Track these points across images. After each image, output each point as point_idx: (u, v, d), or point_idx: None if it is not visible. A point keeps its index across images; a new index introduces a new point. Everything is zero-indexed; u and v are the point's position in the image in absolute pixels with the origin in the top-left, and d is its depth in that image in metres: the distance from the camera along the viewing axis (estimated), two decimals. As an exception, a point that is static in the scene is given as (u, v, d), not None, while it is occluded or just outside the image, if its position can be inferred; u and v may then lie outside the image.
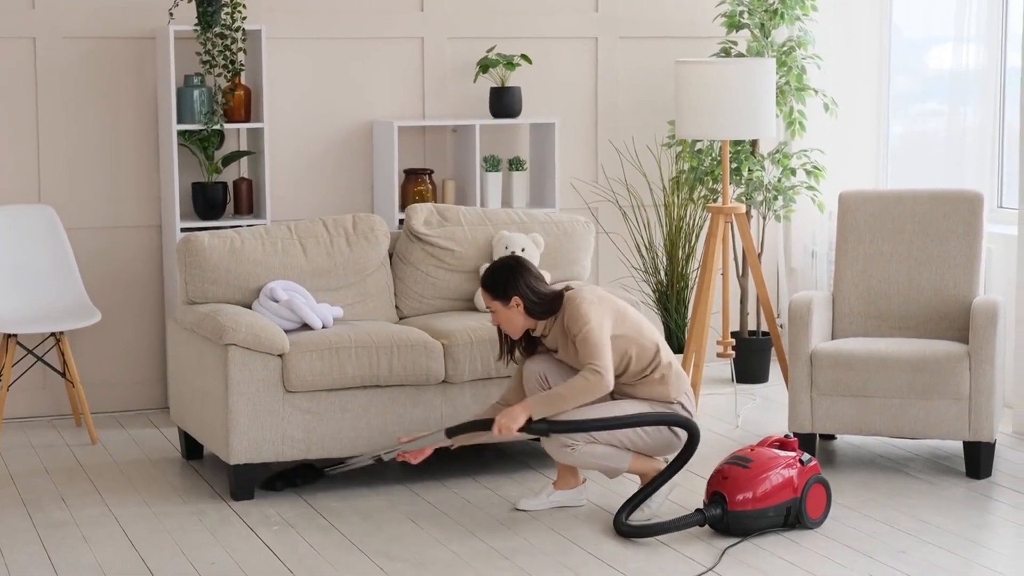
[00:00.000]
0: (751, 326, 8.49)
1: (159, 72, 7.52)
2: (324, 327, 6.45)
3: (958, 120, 7.87)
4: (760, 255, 8.28)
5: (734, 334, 8.29)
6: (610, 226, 8.39)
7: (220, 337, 6.13)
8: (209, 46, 7.35)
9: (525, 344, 6.02)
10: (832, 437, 7.05)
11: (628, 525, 5.68)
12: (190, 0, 7.36)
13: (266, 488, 6.31)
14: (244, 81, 7.60)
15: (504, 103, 7.94)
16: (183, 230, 7.42)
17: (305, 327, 6.43)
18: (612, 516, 5.86)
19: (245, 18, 7.42)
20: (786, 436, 5.91)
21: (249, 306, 6.54)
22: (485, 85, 8.03)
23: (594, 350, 5.73)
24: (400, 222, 7.67)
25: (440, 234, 6.91)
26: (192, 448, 6.82)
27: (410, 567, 5.39)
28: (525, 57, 7.97)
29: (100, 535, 5.78)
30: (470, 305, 6.95)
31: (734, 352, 7.69)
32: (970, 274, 6.76)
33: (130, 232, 7.69)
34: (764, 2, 8.08)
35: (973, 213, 6.80)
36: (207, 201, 7.53)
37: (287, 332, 6.33)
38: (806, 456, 5.77)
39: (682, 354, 7.73)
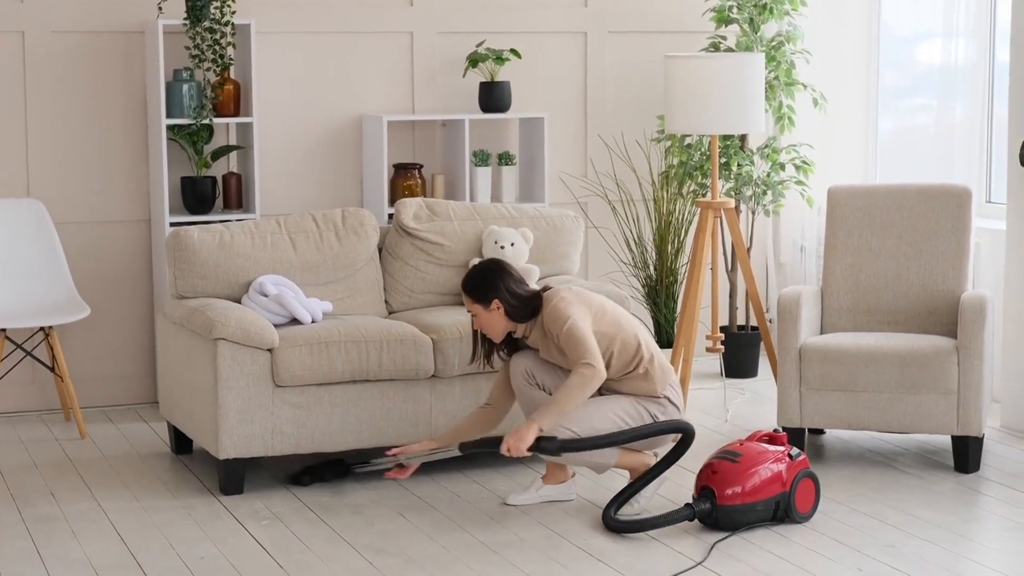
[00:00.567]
0: (740, 321, 8.50)
1: (148, 66, 7.51)
2: (313, 322, 6.45)
3: (947, 115, 7.88)
4: (749, 250, 8.28)
5: (723, 329, 8.31)
6: (599, 221, 8.40)
7: (209, 331, 6.13)
8: (198, 40, 7.35)
9: (507, 347, 6.01)
10: (821, 431, 7.06)
11: (616, 520, 5.68)
12: (179, -6, 7.38)
13: (293, 482, 6.30)
14: (233, 75, 7.59)
15: (493, 98, 7.94)
16: (172, 224, 7.41)
17: (294, 322, 6.44)
18: (601, 511, 5.87)
19: (234, 12, 7.42)
20: (775, 430, 5.92)
21: (238, 301, 6.54)
22: (474, 80, 8.03)
23: (579, 344, 5.72)
24: (389, 217, 7.67)
25: (429, 229, 6.91)
26: (181, 442, 6.82)
27: (400, 561, 5.40)
28: (514, 52, 7.97)
29: (89, 530, 5.77)
30: (459, 300, 6.94)
31: (723, 347, 7.69)
32: (959, 269, 6.77)
33: (119, 226, 7.68)
34: (753, -3, 8.10)
35: (961, 208, 6.81)
36: (196, 195, 7.53)
37: (276, 327, 6.33)
38: (795, 450, 5.78)
39: (671, 349, 7.74)
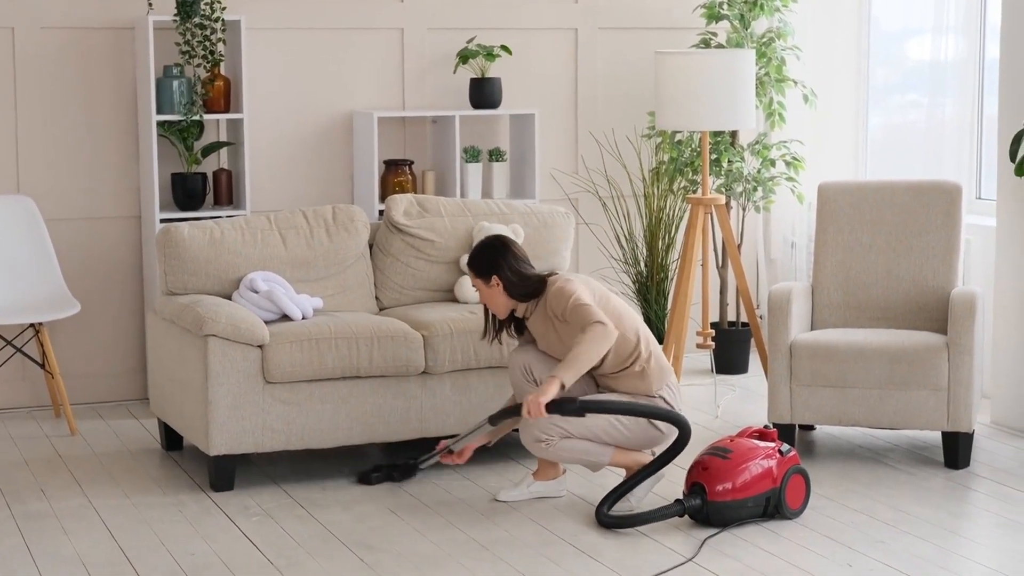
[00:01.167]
0: (731, 317, 8.51)
1: (138, 63, 7.50)
2: (304, 318, 6.45)
3: (937, 111, 7.89)
4: (740, 246, 8.29)
5: (714, 325, 8.32)
6: (590, 217, 8.40)
7: (200, 328, 6.12)
8: (188, 36, 7.34)
9: (513, 325, 6.02)
10: (811, 428, 7.07)
11: (608, 516, 5.68)
12: (169, -10, 7.37)
13: (361, 481, 6.27)
14: (224, 72, 7.58)
15: (484, 94, 7.93)
16: (162, 221, 7.40)
17: (285, 318, 6.43)
18: (592, 507, 5.88)
19: (224, 8, 7.41)
20: (765, 427, 5.92)
21: (229, 297, 6.54)
22: (465, 76, 8.03)
23: (587, 312, 5.70)
24: (380, 213, 7.67)
25: (420, 225, 6.91)
26: (172, 439, 6.82)
27: (390, 558, 5.40)
28: (505, 48, 7.97)
29: (80, 526, 5.77)
30: (450, 296, 6.95)
31: (714, 343, 7.70)
32: (949, 265, 6.78)
33: (109, 223, 7.67)
34: (744, -7, 8.10)
35: (952, 204, 6.82)
36: (186, 192, 7.52)
37: (267, 323, 6.32)
38: (785, 447, 5.79)
39: (662, 345, 7.74)
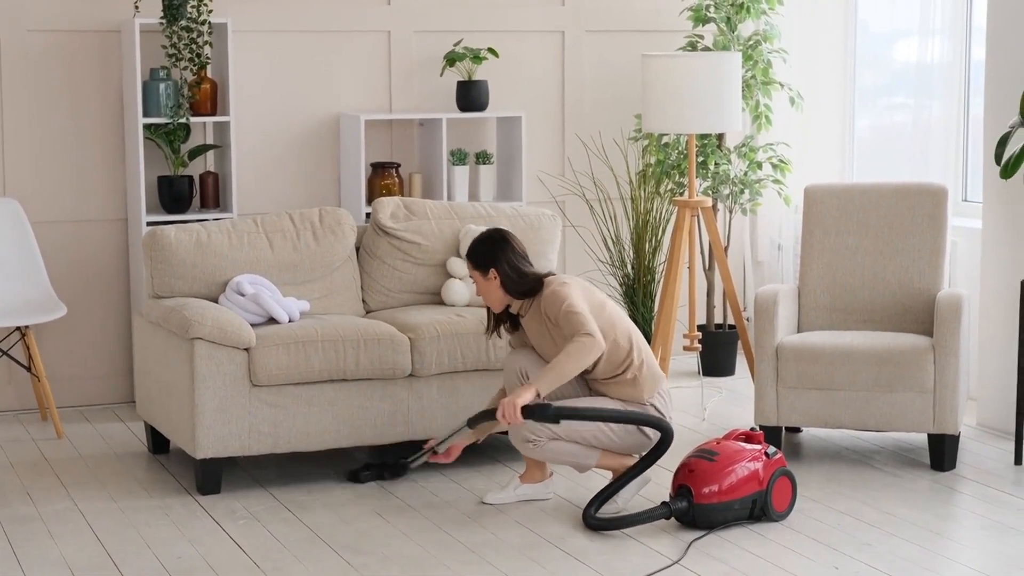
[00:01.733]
0: (717, 319, 8.51)
1: (125, 65, 7.50)
2: (290, 321, 6.45)
3: (923, 114, 7.90)
4: (726, 248, 8.30)
5: (700, 327, 8.32)
6: (577, 220, 8.40)
7: (186, 331, 6.12)
8: (175, 39, 7.33)
9: (509, 321, 6.02)
10: (798, 430, 7.08)
11: (594, 518, 5.68)
12: (156, -7, 7.36)
13: (351, 479, 6.31)
14: (210, 74, 7.58)
15: (471, 97, 7.93)
16: (149, 224, 7.40)
17: (272, 321, 6.43)
18: (579, 510, 5.88)
19: (211, 11, 7.41)
20: (752, 429, 5.93)
21: (215, 300, 6.53)
22: (452, 79, 8.03)
23: (578, 319, 5.69)
24: (367, 216, 7.67)
25: (407, 228, 6.91)
26: (158, 442, 6.81)
27: (376, 561, 5.39)
28: (492, 51, 7.97)
29: (66, 530, 5.76)
30: (437, 299, 6.95)
31: (700, 345, 7.70)
32: (935, 267, 6.79)
33: (96, 226, 7.66)
34: (730, -4, 8.11)
35: (938, 206, 6.83)
36: (173, 195, 7.51)
37: (253, 326, 6.32)
38: (772, 449, 5.79)
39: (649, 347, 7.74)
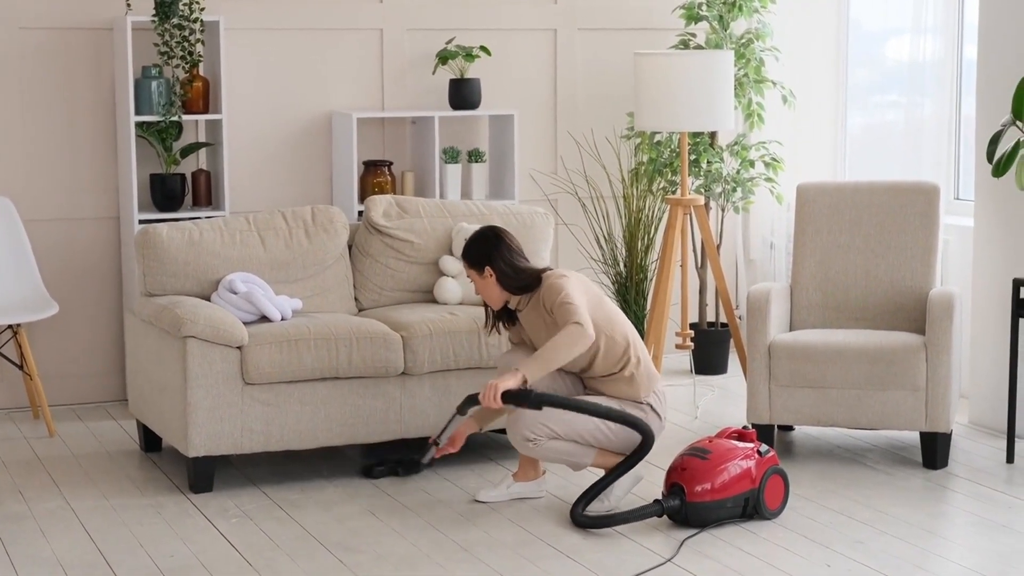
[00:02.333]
0: (710, 317, 8.52)
1: (117, 63, 7.49)
2: (283, 319, 6.44)
3: (915, 112, 7.91)
4: (719, 247, 8.31)
5: (693, 325, 8.32)
6: (569, 218, 8.40)
7: (178, 329, 6.11)
8: (167, 37, 7.32)
9: (506, 317, 6.01)
10: (790, 428, 7.08)
11: (585, 516, 5.68)
12: (148, -9, 7.35)
13: (365, 474, 6.31)
14: (202, 72, 7.57)
15: (463, 95, 7.93)
16: (141, 222, 7.39)
17: (264, 319, 6.42)
18: (569, 510, 5.88)
19: (203, 9, 7.40)
20: (744, 427, 5.93)
21: (208, 298, 6.53)
22: (444, 77, 8.03)
23: (570, 308, 5.69)
24: (359, 214, 7.66)
25: (399, 226, 6.91)
26: (150, 440, 6.80)
27: (369, 559, 5.39)
28: (484, 49, 7.97)
29: (58, 528, 5.76)
30: (429, 297, 6.95)
31: (693, 343, 7.71)
32: (927, 266, 6.80)
33: (88, 224, 7.66)
34: (723, -6, 8.12)
35: (930, 205, 6.84)
36: (165, 193, 7.51)
37: (246, 324, 6.31)
38: (764, 447, 5.80)
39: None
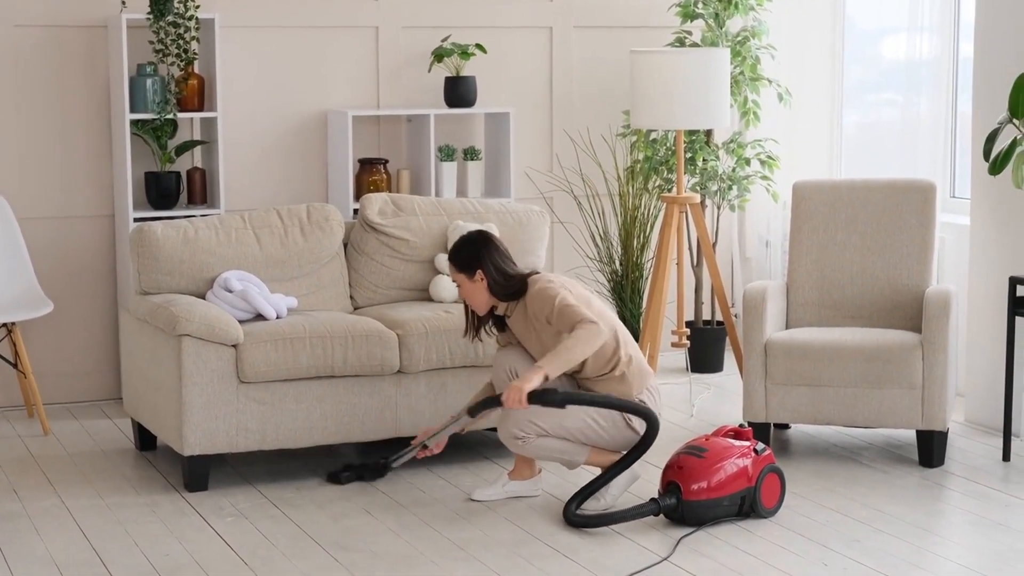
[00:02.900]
0: (706, 315, 8.51)
1: (112, 61, 7.48)
2: (278, 317, 6.43)
3: (911, 110, 7.90)
4: (715, 245, 8.30)
5: (689, 324, 8.32)
6: (565, 216, 8.40)
7: (173, 328, 6.10)
8: (162, 35, 7.31)
9: (493, 321, 5.99)
10: (786, 426, 7.08)
11: (581, 515, 5.67)
12: (143, -12, 7.34)
13: (331, 480, 6.23)
14: (197, 70, 7.56)
15: (459, 93, 7.92)
16: (136, 220, 7.38)
17: (259, 317, 6.41)
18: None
19: (198, 6, 7.39)
20: (740, 425, 5.93)
21: (203, 296, 6.52)
22: (440, 74, 8.02)
23: (575, 311, 5.68)
24: (355, 212, 7.65)
25: (395, 224, 6.90)
26: (146, 439, 6.79)
27: (365, 558, 5.38)
28: (480, 47, 7.96)
29: (53, 527, 5.75)
30: (425, 295, 6.94)
31: (689, 342, 7.70)
32: (923, 264, 6.80)
33: (82, 222, 7.64)
34: (718, -8, 8.11)
35: (926, 203, 6.84)
36: (160, 191, 7.49)
37: (241, 322, 6.31)
38: (760, 445, 5.79)
39: (637, 343, 7.73)
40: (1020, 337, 6.72)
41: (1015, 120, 6.30)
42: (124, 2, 7.35)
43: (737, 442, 5.77)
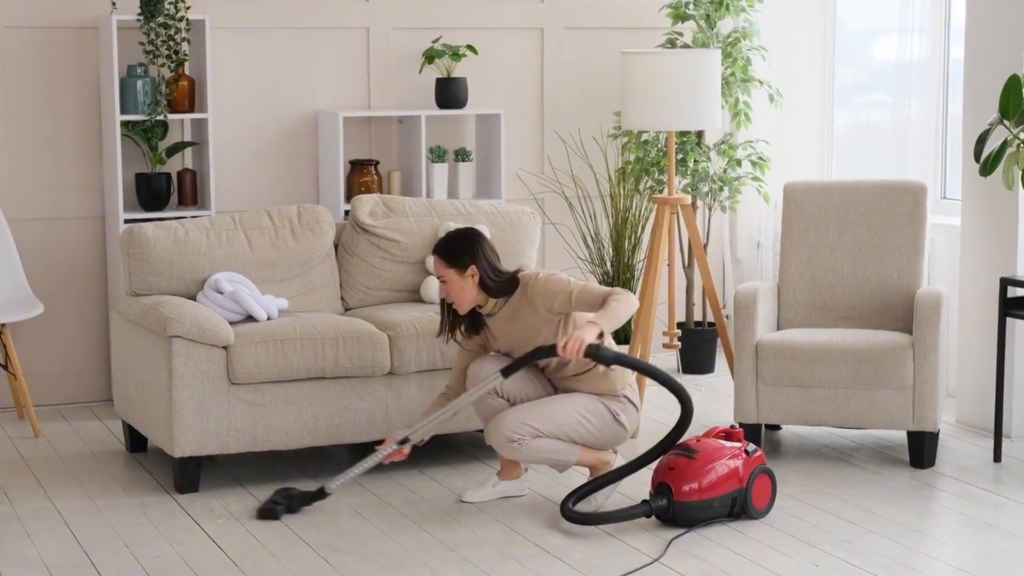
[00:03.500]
0: (697, 317, 8.51)
1: (102, 62, 7.47)
2: (269, 319, 6.43)
3: (902, 111, 7.91)
4: (706, 246, 8.30)
5: (680, 325, 8.32)
6: (556, 217, 8.39)
7: (164, 329, 6.09)
8: (152, 36, 7.30)
9: (469, 322, 5.97)
10: (777, 427, 7.08)
11: (575, 511, 5.66)
12: (133, -11, 7.33)
13: (262, 517, 5.86)
14: (188, 71, 7.55)
15: (450, 94, 7.92)
16: (127, 221, 7.37)
17: (250, 319, 6.41)
18: (557, 507, 5.86)
19: (189, 8, 7.38)
20: (732, 426, 5.93)
21: (193, 298, 6.51)
22: (431, 76, 8.01)
23: (596, 288, 5.68)
24: (345, 213, 7.64)
25: (385, 225, 6.89)
26: (136, 441, 6.78)
27: (355, 559, 5.38)
28: (471, 48, 7.96)
29: (43, 529, 5.73)
30: (416, 296, 6.94)
31: (680, 343, 7.70)
32: (914, 265, 6.80)
33: (73, 223, 7.63)
34: (709, -7, 8.11)
35: (917, 204, 6.84)
36: (151, 192, 7.48)
37: (232, 324, 6.30)
38: (751, 447, 5.79)
39: (628, 345, 7.74)
40: (1011, 338, 6.73)
41: (1005, 121, 6.30)
42: (114, 3, 7.34)
43: (728, 443, 5.77)
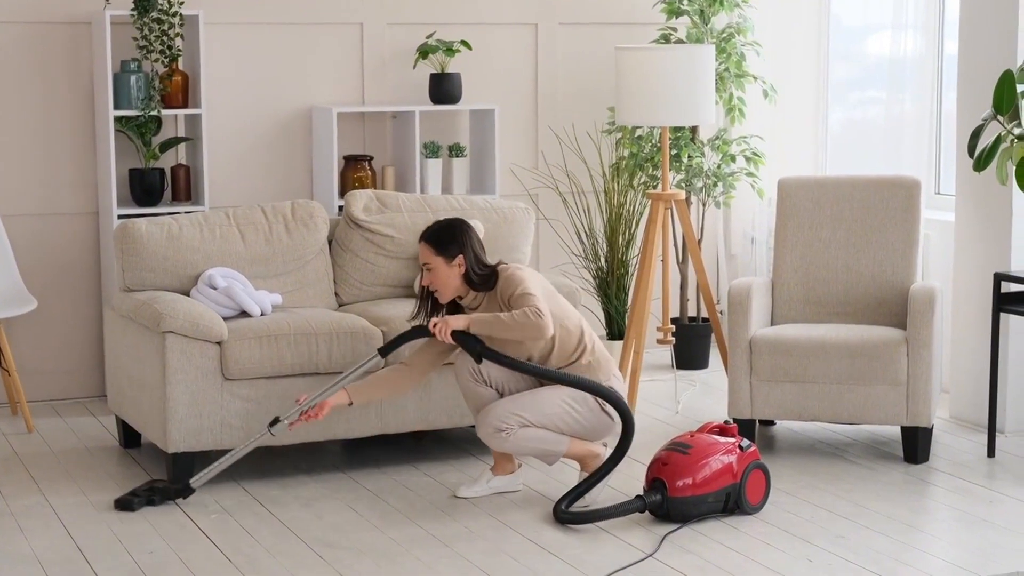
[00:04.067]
0: (691, 312, 8.51)
1: (95, 57, 7.46)
2: (263, 314, 6.42)
3: (896, 107, 7.91)
4: (700, 241, 8.30)
5: (674, 320, 8.32)
6: (550, 212, 8.39)
7: (158, 324, 6.09)
8: (146, 31, 7.30)
9: (448, 312, 5.96)
10: (771, 423, 7.08)
11: (567, 513, 5.67)
12: (127, -15, 7.32)
13: (121, 508, 5.86)
14: (182, 67, 7.54)
15: (444, 89, 7.91)
16: (120, 217, 7.36)
17: (244, 314, 6.40)
18: (551, 502, 5.87)
19: (183, 3, 7.37)
20: (726, 422, 5.93)
21: (187, 293, 6.50)
22: (425, 71, 8.01)
23: (533, 299, 5.70)
24: (339, 209, 7.64)
25: (379, 221, 6.89)
26: (130, 436, 6.78)
27: (349, 554, 5.38)
28: (465, 43, 7.95)
29: (36, 525, 5.73)
30: (409, 292, 6.93)
31: (674, 338, 7.70)
32: (908, 260, 6.80)
33: (66, 219, 7.62)
34: (704, -11, 8.11)
35: (911, 199, 6.84)
36: (144, 187, 7.48)
37: (225, 319, 6.29)
38: (745, 442, 5.79)
39: (622, 340, 7.74)
40: (1004, 333, 6.73)
41: (999, 116, 6.30)
42: (108, -2, 7.34)
43: (722, 438, 5.77)
